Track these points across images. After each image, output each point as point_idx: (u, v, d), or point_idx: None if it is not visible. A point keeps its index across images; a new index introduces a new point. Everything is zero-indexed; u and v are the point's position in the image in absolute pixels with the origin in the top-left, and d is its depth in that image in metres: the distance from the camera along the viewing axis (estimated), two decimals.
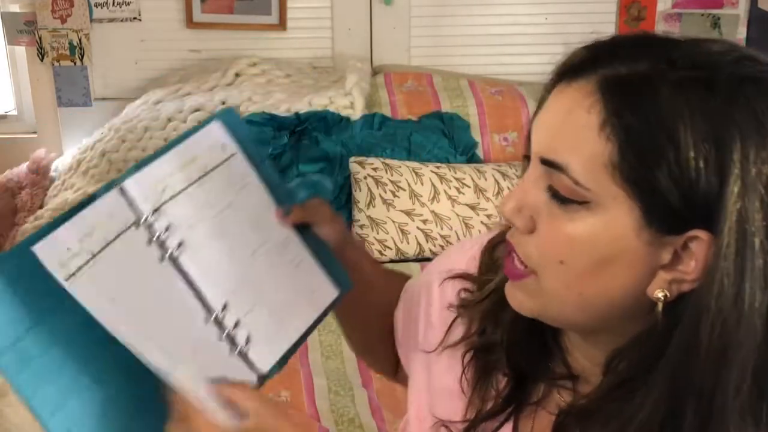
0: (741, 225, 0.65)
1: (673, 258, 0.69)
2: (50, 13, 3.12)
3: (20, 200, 3.03)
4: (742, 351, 0.66)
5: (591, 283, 0.71)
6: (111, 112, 3.18)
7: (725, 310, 0.66)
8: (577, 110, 0.69)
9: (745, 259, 0.65)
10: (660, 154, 0.66)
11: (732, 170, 0.65)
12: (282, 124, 2.89)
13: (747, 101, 0.66)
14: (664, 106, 0.66)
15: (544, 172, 0.72)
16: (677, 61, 0.68)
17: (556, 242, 0.71)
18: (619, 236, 0.69)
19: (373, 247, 2.64)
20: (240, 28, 3.21)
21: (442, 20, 3.21)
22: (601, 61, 0.70)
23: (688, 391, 0.68)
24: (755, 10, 3.13)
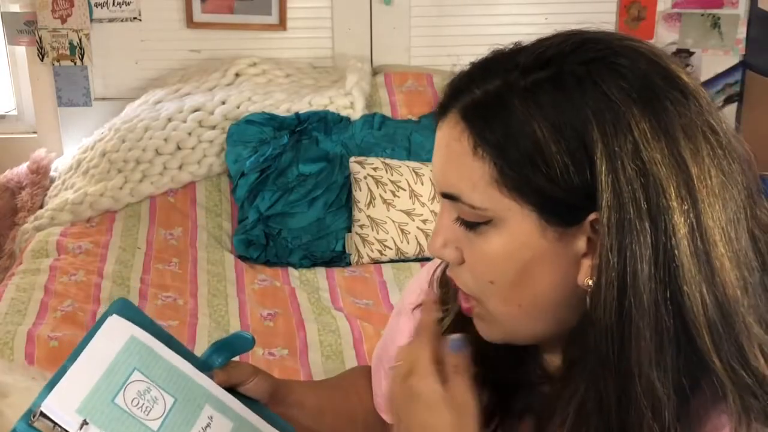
0: (617, 198, 0.68)
1: (589, 244, 0.71)
2: (50, 13, 3.12)
3: (20, 200, 3.03)
4: (636, 321, 0.68)
5: (523, 292, 0.74)
6: (111, 112, 3.18)
7: (612, 283, 0.68)
8: (452, 142, 0.74)
9: (625, 229, 0.68)
10: (528, 159, 0.69)
11: (595, 151, 0.68)
12: (282, 124, 2.89)
13: (595, 83, 0.69)
14: (517, 115, 0.70)
15: (449, 205, 0.76)
16: (525, 67, 0.71)
17: (480, 265, 0.75)
18: (526, 242, 0.72)
19: (373, 247, 2.64)
20: (240, 28, 3.21)
21: (442, 20, 3.21)
22: (461, 92, 0.74)
23: (604, 370, 0.70)
24: (755, 10, 3.13)
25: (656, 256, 0.68)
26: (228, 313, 2.34)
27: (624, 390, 0.70)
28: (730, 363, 0.68)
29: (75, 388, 0.79)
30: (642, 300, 0.68)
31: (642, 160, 0.67)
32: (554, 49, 0.72)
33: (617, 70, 0.70)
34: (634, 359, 0.69)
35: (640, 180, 0.67)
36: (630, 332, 0.69)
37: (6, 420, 1.65)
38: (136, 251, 2.61)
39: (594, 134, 0.68)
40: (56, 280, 2.40)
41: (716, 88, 3.27)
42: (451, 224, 0.76)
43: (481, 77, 0.74)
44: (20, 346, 2.08)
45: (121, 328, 0.85)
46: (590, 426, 0.72)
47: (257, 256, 2.67)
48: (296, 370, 2.10)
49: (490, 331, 0.79)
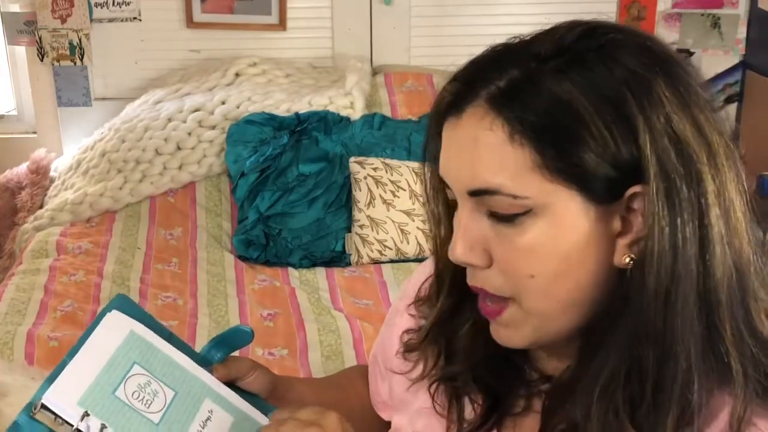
0: (662, 167, 0.68)
1: (623, 223, 0.72)
2: (50, 13, 3.12)
3: (20, 200, 3.03)
4: (684, 285, 0.69)
5: (565, 283, 0.73)
6: (111, 112, 3.18)
7: (664, 250, 0.69)
8: (481, 134, 0.71)
9: (672, 197, 0.68)
10: (574, 137, 0.69)
11: (637, 124, 0.68)
12: (282, 124, 2.89)
13: (617, 61, 0.70)
14: (555, 93, 0.69)
15: (476, 203, 0.73)
16: (541, 55, 0.72)
17: (518, 260, 0.73)
18: (571, 226, 0.71)
19: (373, 247, 2.64)
20: (240, 28, 3.21)
21: (442, 20, 3.21)
22: (476, 86, 0.73)
23: (644, 337, 0.70)
24: (755, 10, 3.13)
25: (698, 221, 0.69)
26: (228, 313, 2.34)
27: (663, 355, 0.70)
28: (738, 328, 0.70)
29: (76, 381, 0.79)
30: (690, 265, 0.69)
31: (674, 130, 0.69)
32: (567, 37, 0.73)
33: (633, 48, 0.71)
34: (678, 324, 0.69)
35: (677, 148, 0.69)
36: (677, 297, 0.69)
37: (6, 419, 1.65)
38: (135, 251, 2.61)
39: (632, 106, 0.69)
40: (56, 280, 2.40)
41: (716, 88, 3.27)
42: (475, 224, 0.74)
43: (496, 70, 0.73)
44: (20, 346, 2.08)
45: (120, 323, 0.85)
46: (622, 393, 0.71)
47: (257, 256, 2.67)
48: (296, 370, 2.10)
49: (517, 337, 0.77)
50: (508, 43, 0.75)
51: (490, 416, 0.84)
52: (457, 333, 0.84)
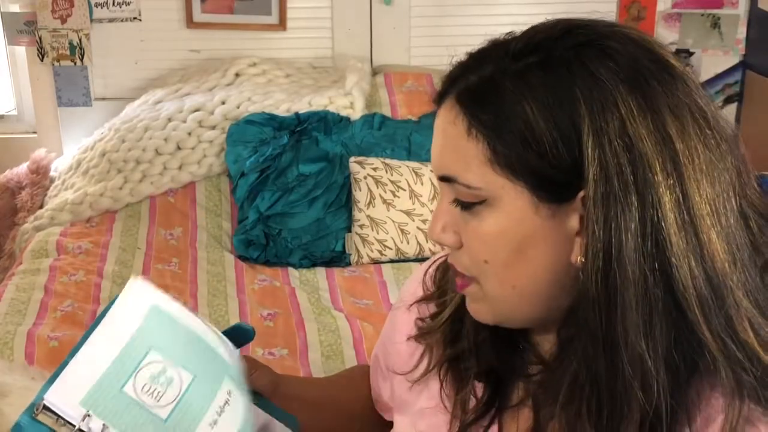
0: (602, 172, 0.70)
1: (581, 222, 0.73)
2: (50, 13, 3.12)
3: (20, 200, 3.03)
4: (623, 291, 0.70)
5: (517, 272, 0.76)
6: (111, 112, 3.18)
7: (599, 254, 0.70)
8: (447, 126, 0.77)
9: (610, 202, 0.70)
10: (520, 138, 0.72)
11: (583, 128, 0.70)
12: (282, 124, 2.89)
13: (583, 64, 0.72)
14: (509, 96, 0.73)
15: (446, 188, 0.79)
16: (516, 53, 0.75)
17: (476, 245, 0.78)
18: (520, 220, 0.74)
19: (373, 247, 2.64)
20: (240, 28, 3.21)
21: (442, 20, 3.21)
22: (456, 80, 0.78)
23: (593, 340, 0.72)
24: (755, 10, 3.13)
25: (643, 229, 0.69)
26: (228, 313, 2.34)
27: (612, 361, 0.71)
28: (720, 335, 0.70)
29: (79, 379, 0.78)
30: (627, 271, 0.70)
31: (628, 135, 0.70)
32: (543, 34, 0.75)
33: (605, 52, 0.72)
34: (620, 330, 0.70)
35: (626, 155, 0.69)
36: (616, 303, 0.70)
37: (6, 419, 1.65)
38: (136, 251, 2.61)
39: (582, 111, 0.71)
40: (56, 280, 2.40)
41: (716, 88, 3.27)
42: (449, 208, 0.79)
43: (476, 65, 0.77)
44: (20, 346, 2.08)
45: (143, 295, 0.83)
46: (582, 400, 0.73)
47: (257, 256, 2.67)
48: (296, 370, 2.10)
49: (483, 313, 0.81)
50: (496, 39, 0.79)
51: (491, 406, 0.85)
52: (465, 313, 0.86)
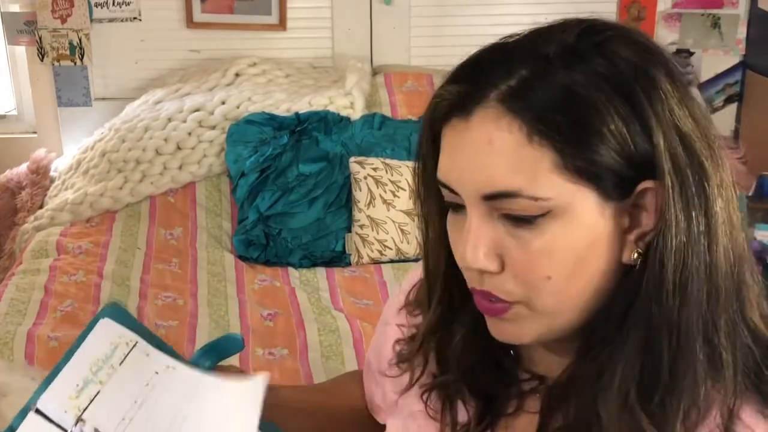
0: (675, 163, 0.69)
1: (631, 218, 0.72)
2: (50, 13, 3.12)
3: (20, 200, 3.03)
4: (698, 278, 0.70)
5: (578, 282, 0.73)
6: (111, 112, 3.18)
7: (682, 244, 0.70)
8: (497, 137, 0.70)
9: (685, 191, 0.69)
10: (595, 134, 0.68)
11: (651, 121, 0.69)
12: (282, 124, 2.89)
13: (620, 58, 0.70)
14: (570, 88, 0.69)
15: (488, 207, 0.72)
16: (549, 55, 0.71)
17: (535, 262, 0.72)
18: (588, 225, 0.71)
19: (373, 247, 2.64)
20: (240, 28, 3.21)
21: (442, 20, 3.21)
22: (483, 86, 0.71)
23: (660, 332, 0.71)
24: (755, 10, 3.13)
25: (706, 214, 0.70)
26: (228, 313, 2.34)
27: (679, 353, 0.71)
28: (733, 319, 0.71)
29: (70, 385, 0.79)
30: (702, 256, 0.70)
31: (678, 124, 0.70)
32: (568, 35, 0.73)
33: (631, 44, 0.72)
34: (693, 319, 0.70)
35: (683, 143, 0.70)
36: (693, 291, 0.70)
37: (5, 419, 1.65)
38: (136, 251, 2.61)
39: (642, 101, 0.69)
40: (56, 280, 2.40)
41: (716, 88, 3.27)
42: (489, 229, 0.73)
43: (502, 70, 0.71)
44: (20, 346, 2.08)
45: (110, 332, 0.84)
46: (630, 395, 0.72)
47: (257, 256, 2.67)
48: (296, 370, 2.10)
49: (521, 332, 0.76)
50: (506, 43, 0.75)
51: (484, 418, 0.84)
52: (450, 341, 0.83)
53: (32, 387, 1.85)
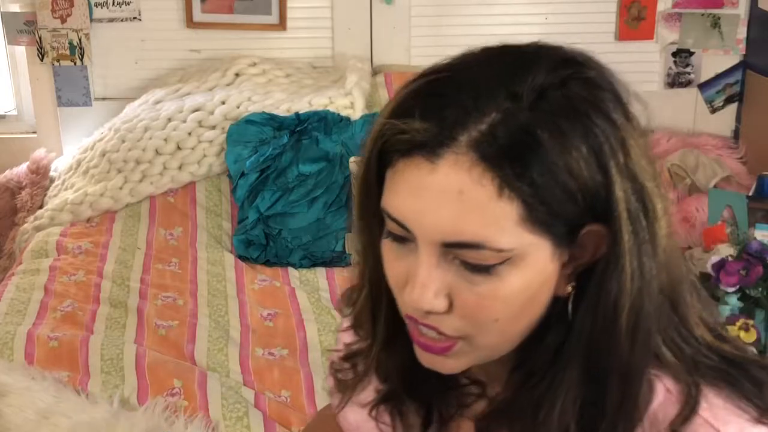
0: (628, 210, 0.70)
1: (569, 255, 0.73)
2: (50, 12, 3.12)
3: (20, 200, 3.03)
4: (650, 318, 0.72)
5: (523, 320, 0.74)
6: (111, 112, 3.18)
7: (634, 286, 0.71)
8: (469, 188, 0.68)
9: (638, 235, 0.70)
10: (562, 188, 0.68)
11: (611, 170, 0.69)
12: (282, 124, 2.89)
13: (593, 103, 0.70)
14: (552, 148, 0.67)
15: (446, 251, 0.71)
16: (519, 94, 0.69)
17: (487, 307, 0.71)
18: (541, 270, 0.72)
19: None
20: (240, 28, 3.20)
21: (442, 20, 3.21)
22: (452, 127, 0.68)
23: (609, 369, 0.72)
24: (755, 10, 3.13)
25: (653, 250, 0.72)
26: (228, 313, 2.34)
27: (625, 379, 0.73)
28: (674, 340, 0.74)
29: None
30: (650, 288, 0.72)
31: (634, 172, 0.70)
32: (540, 71, 0.70)
33: (599, 85, 0.72)
34: (638, 348, 0.72)
35: (636, 190, 0.70)
36: (639, 322, 0.72)
37: (5, 419, 1.65)
38: (136, 251, 2.60)
39: (607, 153, 0.69)
40: (56, 280, 2.40)
41: (716, 88, 3.27)
42: (442, 271, 0.71)
43: (470, 108, 0.69)
44: (20, 346, 2.08)
45: None
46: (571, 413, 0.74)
47: (257, 256, 2.67)
48: (296, 370, 2.10)
49: (455, 364, 0.76)
50: (473, 77, 0.71)
51: (430, 425, 0.85)
52: (396, 360, 0.83)
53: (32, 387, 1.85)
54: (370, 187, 0.76)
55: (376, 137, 0.73)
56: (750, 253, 2.25)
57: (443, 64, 0.75)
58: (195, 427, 1.83)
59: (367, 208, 0.78)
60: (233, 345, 2.18)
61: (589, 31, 3.13)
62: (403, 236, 0.73)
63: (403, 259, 0.74)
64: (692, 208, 2.81)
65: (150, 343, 2.15)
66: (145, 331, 2.20)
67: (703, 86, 3.26)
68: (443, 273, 0.71)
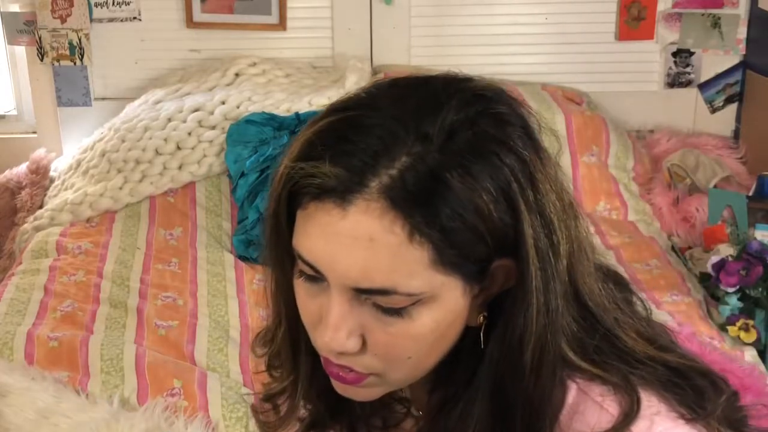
0: (536, 245, 0.70)
1: (480, 288, 0.74)
2: (50, 12, 3.12)
3: (20, 200, 3.03)
4: (555, 355, 0.72)
5: (435, 355, 0.75)
6: (111, 112, 3.18)
7: (539, 323, 0.71)
8: (380, 235, 0.67)
9: (545, 272, 0.71)
10: (473, 231, 0.68)
11: (520, 208, 0.69)
12: (282, 124, 2.89)
13: (501, 141, 0.70)
14: (460, 191, 0.67)
15: (356, 294, 0.71)
16: (429, 135, 0.68)
17: (398, 345, 0.72)
18: (452, 308, 0.72)
19: None
20: (240, 28, 3.20)
21: (442, 20, 3.21)
22: (362, 172, 0.67)
23: (515, 403, 0.73)
24: (755, 10, 3.13)
25: (558, 282, 0.72)
26: (228, 313, 2.34)
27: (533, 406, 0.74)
28: (605, 361, 0.75)
29: None
30: (558, 316, 0.73)
31: (543, 209, 0.71)
32: (449, 109, 0.70)
33: (508, 121, 0.71)
34: (545, 375, 0.73)
35: (545, 227, 0.71)
36: (547, 366, 0.72)
37: (5, 419, 1.65)
38: (135, 251, 2.60)
39: (517, 193, 0.69)
40: (56, 280, 2.40)
41: (716, 88, 3.27)
42: (354, 314, 0.71)
43: (382, 150, 0.68)
44: (20, 346, 2.08)
45: None
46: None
47: (257, 256, 2.67)
48: None
49: (367, 394, 0.78)
50: (370, 118, 0.70)
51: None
52: (319, 386, 0.84)
53: (32, 387, 1.84)
54: (281, 226, 0.75)
55: (285, 180, 0.72)
56: (750, 253, 2.25)
57: (351, 100, 0.74)
58: (195, 427, 1.82)
59: (278, 246, 0.77)
60: (233, 345, 2.18)
61: (589, 31, 3.13)
62: (315, 276, 0.73)
63: (315, 298, 0.74)
64: (692, 208, 2.80)
65: (150, 343, 2.15)
66: (145, 331, 2.20)
67: (703, 86, 3.26)
68: (356, 314, 0.71)
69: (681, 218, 2.82)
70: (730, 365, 2.02)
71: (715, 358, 2.03)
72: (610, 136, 2.97)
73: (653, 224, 2.84)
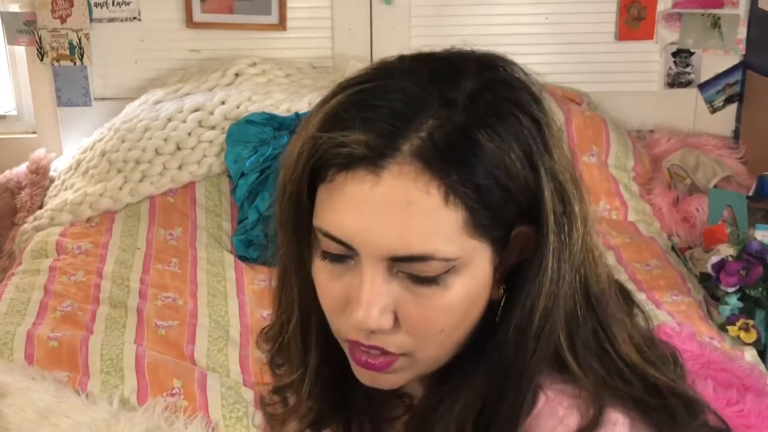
0: (555, 212, 0.70)
1: (499, 258, 0.73)
2: (50, 12, 3.12)
3: (20, 200, 3.03)
4: (557, 324, 0.71)
5: (463, 328, 0.73)
6: (111, 112, 3.18)
7: (550, 289, 0.70)
8: (416, 198, 0.66)
9: (559, 238, 0.70)
10: (504, 191, 0.68)
11: (541, 173, 0.69)
12: (282, 124, 2.89)
13: (517, 104, 0.70)
14: (490, 150, 0.67)
15: (391, 266, 0.69)
16: (455, 100, 0.68)
17: (434, 318, 0.70)
18: (482, 276, 0.71)
19: None
20: (240, 28, 3.20)
21: (442, 20, 3.21)
22: (393, 137, 0.67)
23: (510, 369, 0.71)
24: (755, 10, 3.13)
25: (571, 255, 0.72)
26: (228, 313, 2.34)
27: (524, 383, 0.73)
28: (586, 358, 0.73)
29: None
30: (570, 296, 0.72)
31: (558, 174, 0.71)
32: (470, 77, 0.70)
33: (519, 86, 0.72)
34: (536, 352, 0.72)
35: (559, 192, 0.71)
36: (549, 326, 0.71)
37: (5, 419, 1.65)
38: (135, 251, 2.60)
39: (537, 156, 0.69)
40: (56, 281, 2.40)
41: (716, 88, 3.27)
42: (388, 287, 0.69)
43: (405, 116, 0.67)
44: (20, 346, 2.08)
45: None
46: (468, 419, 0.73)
47: (257, 256, 2.67)
48: None
49: (393, 380, 0.75)
50: (402, 85, 0.70)
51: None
52: (323, 382, 0.82)
53: (32, 387, 1.85)
54: (301, 207, 0.74)
55: (310, 153, 0.71)
56: (750, 253, 2.25)
57: (363, 74, 0.74)
58: (195, 427, 1.83)
59: (296, 231, 0.76)
60: (233, 345, 2.18)
61: (589, 31, 3.13)
62: (342, 255, 0.71)
63: (340, 279, 0.72)
64: (692, 208, 2.80)
65: (150, 343, 2.15)
66: (144, 331, 2.20)
67: (703, 86, 3.26)
68: (389, 289, 0.70)
69: (681, 218, 2.82)
70: (730, 365, 2.02)
71: (715, 358, 2.03)
72: (610, 136, 2.98)
73: (653, 224, 2.84)
